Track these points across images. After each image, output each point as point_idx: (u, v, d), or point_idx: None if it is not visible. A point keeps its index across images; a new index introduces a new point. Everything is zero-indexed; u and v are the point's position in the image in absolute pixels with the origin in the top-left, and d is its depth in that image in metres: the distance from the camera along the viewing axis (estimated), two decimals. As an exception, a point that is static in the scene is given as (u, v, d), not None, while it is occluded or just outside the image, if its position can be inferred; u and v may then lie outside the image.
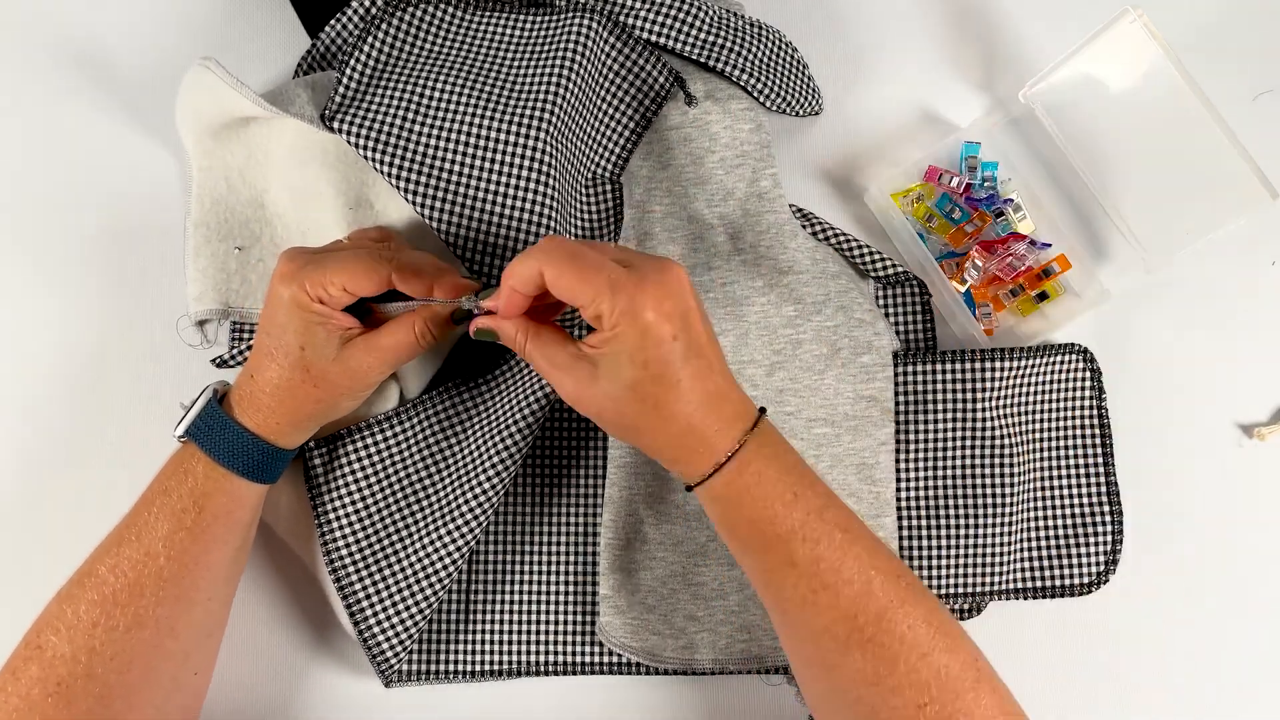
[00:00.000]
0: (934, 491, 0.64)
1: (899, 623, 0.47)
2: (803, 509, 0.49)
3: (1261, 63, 0.71)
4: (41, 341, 0.66)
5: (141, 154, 0.68)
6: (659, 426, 0.49)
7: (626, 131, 0.66)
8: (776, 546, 0.49)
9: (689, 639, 0.62)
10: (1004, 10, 0.72)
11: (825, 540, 0.48)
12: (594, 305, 0.47)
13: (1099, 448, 0.66)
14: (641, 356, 0.47)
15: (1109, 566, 0.65)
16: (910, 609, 0.48)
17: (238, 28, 0.70)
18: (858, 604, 0.48)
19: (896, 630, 0.47)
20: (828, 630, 0.48)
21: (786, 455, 0.51)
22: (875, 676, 0.47)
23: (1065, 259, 0.66)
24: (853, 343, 0.64)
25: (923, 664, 0.47)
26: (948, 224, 0.67)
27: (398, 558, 0.61)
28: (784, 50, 0.68)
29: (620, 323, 0.47)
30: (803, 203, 0.69)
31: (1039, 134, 0.69)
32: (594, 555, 0.64)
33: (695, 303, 0.49)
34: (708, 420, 0.49)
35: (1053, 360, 0.65)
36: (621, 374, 0.47)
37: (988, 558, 0.63)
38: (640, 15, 0.64)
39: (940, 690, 0.47)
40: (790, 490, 0.49)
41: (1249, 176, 0.63)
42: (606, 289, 0.46)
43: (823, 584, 0.48)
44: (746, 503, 0.49)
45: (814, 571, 0.48)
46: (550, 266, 0.47)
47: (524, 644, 0.64)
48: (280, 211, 0.65)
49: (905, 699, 0.47)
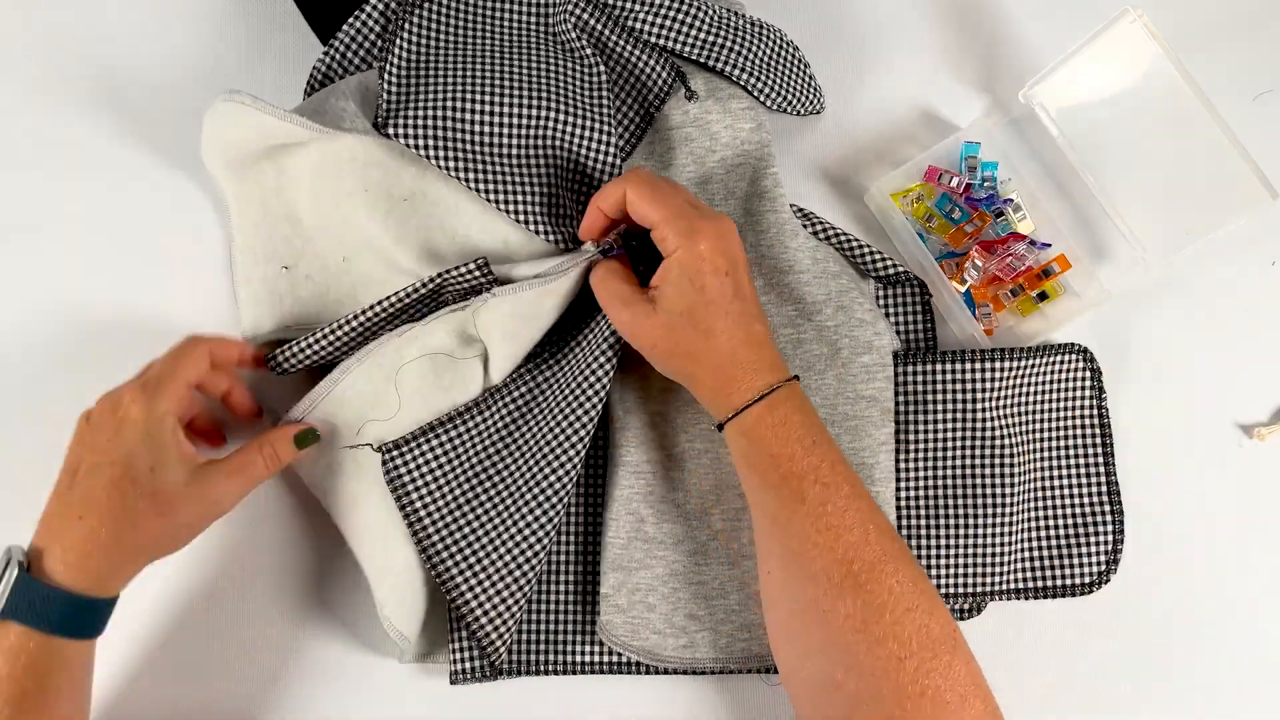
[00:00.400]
0: (934, 491, 0.64)
1: (889, 575, 0.51)
2: (819, 455, 0.54)
3: (1261, 63, 0.71)
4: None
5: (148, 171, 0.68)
6: (707, 353, 0.55)
7: (631, 126, 0.66)
8: (790, 482, 0.53)
9: (690, 638, 0.62)
10: (1004, 10, 0.72)
11: (834, 487, 0.53)
12: (662, 226, 0.55)
13: (1099, 447, 0.66)
14: (700, 281, 0.54)
15: (1109, 566, 0.65)
16: (901, 566, 0.52)
17: (235, 30, 0.70)
18: (855, 550, 0.51)
19: (886, 582, 0.51)
20: (825, 572, 0.52)
21: (811, 412, 0.56)
22: (863, 623, 0.50)
23: (1065, 259, 0.66)
24: (853, 343, 0.64)
25: (907, 618, 0.50)
26: (948, 224, 0.67)
27: (494, 545, 0.61)
28: (785, 49, 0.68)
29: (681, 246, 0.54)
30: (803, 203, 0.69)
31: (1039, 134, 0.69)
32: (595, 554, 0.64)
33: (743, 256, 0.57)
34: (748, 357, 0.55)
35: (1053, 360, 0.65)
36: (682, 298, 0.55)
37: (988, 558, 0.63)
38: (640, 16, 0.64)
39: (920, 647, 0.49)
40: (811, 437, 0.54)
41: (1249, 176, 0.63)
42: (674, 215, 0.55)
43: (826, 525, 0.52)
44: (770, 439, 0.54)
45: (820, 513, 0.52)
46: (633, 189, 0.56)
47: (524, 643, 0.64)
48: (318, 223, 0.63)
49: (888, 650, 0.49)
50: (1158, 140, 0.66)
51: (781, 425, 0.54)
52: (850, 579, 0.51)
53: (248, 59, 0.69)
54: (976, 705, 0.49)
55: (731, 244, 0.56)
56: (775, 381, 0.55)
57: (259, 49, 0.70)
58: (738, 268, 0.56)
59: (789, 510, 0.53)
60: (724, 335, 0.55)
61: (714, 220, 0.56)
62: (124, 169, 0.68)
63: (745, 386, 0.55)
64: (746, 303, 0.56)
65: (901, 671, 0.49)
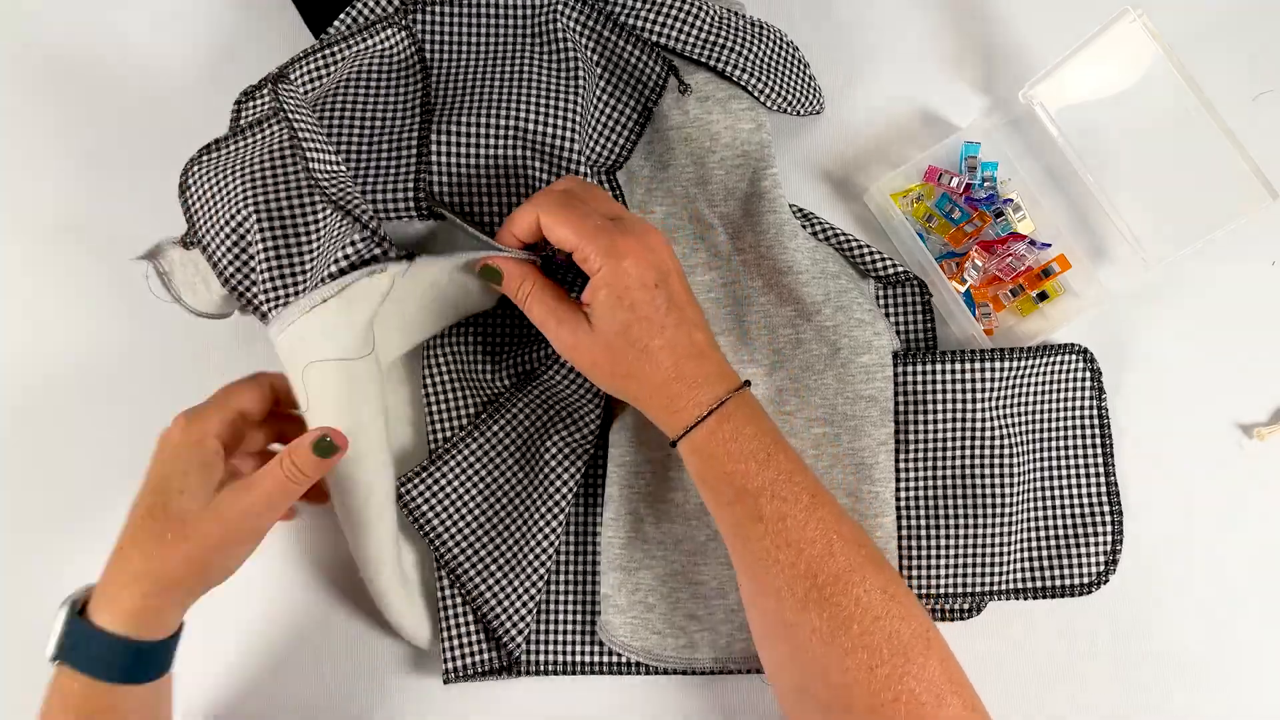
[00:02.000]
0: (933, 491, 0.64)
1: (855, 585, 0.50)
2: (774, 469, 0.52)
3: (1261, 63, 0.71)
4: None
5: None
6: (648, 372, 0.53)
7: (629, 123, 0.66)
8: (745, 500, 0.52)
9: (689, 638, 0.62)
10: (1004, 10, 0.72)
11: (792, 500, 0.52)
12: (581, 247, 0.52)
13: (1099, 448, 0.66)
14: (629, 299, 0.52)
15: (1109, 567, 0.65)
16: (867, 575, 0.51)
17: (232, 26, 0.70)
18: (818, 564, 0.51)
19: (852, 593, 0.50)
20: (789, 586, 0.51)
21: (764, 420, 0.54)
22: (830, 636, 0.50)
23: (1065, 259, 0.66)
24: (852, 343, 0.64)
25: (875, 627, 0.49)
26: (948, 224, 0.67)
27: (511, 552, 0.62)
28: (785, 49, 0.68)
29: (605, 265, 0.52)
30: (803, 203, 0.69)
31: (1039, 134, 0.69)
32: (594, 554, 0.64)
33: (674, 265, 0.54)
34: (692, 370, 0.53)
35: (1053, 360, 0.65)
36: (615, 317, 0.52)
37: (987, 558, 0.63)
38: (641, 15, 0.64)
39: (892, 654, 0.49)
40: (764, 450, 0.53)
41: (1249, 176, 0.63)
42: (592, 233, 0.52)
43: (786, 541, 0.51)
44: (722, 456, 0.53)
45: (779, 529, 0.51)
46: (545, 213, 0.53)
47: (524, 643, 0.64)
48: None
49: (858, 660, 0.49)
50: (1158, 140, 0.66)
51: (733, 440, 0.53)
52: (815, 592, 0.50)
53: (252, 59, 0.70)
54: (954, 703, 0.49)
55: (659, 255, 0.53)
56: (724, 393, 0.53)
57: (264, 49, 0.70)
58: (669, 278, 0.53)
59: (748, 528, 0.52)
60: (663, 351, 0.53)
61: (637, 234, 0.53)
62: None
63: (692, 402, 0.53)
64: (683, 312, 0.54)
65: (873, 679, 0.49)
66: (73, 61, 0.69)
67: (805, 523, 0.51)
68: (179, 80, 0.69)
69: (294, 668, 0.64)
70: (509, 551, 0.62)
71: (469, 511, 0.62)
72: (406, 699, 0.64)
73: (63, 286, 0.67)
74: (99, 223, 0.68)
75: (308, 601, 0.65)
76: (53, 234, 0.68)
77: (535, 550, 0.62)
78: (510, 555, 0.62)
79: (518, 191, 0.61)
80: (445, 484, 0.62)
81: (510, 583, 0.62)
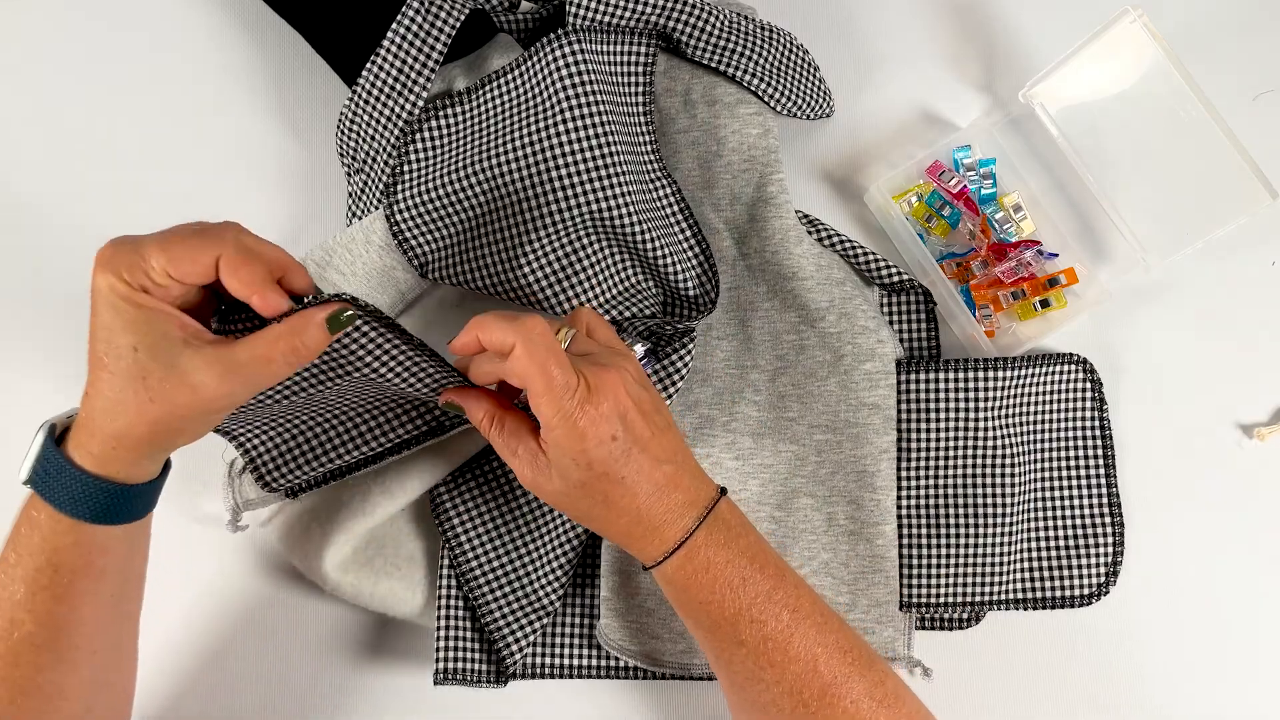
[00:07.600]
0: (934, 500, 0.64)
1: (843, 698, 0.50)
2: (750, 593, 0.51)
3: (1261, 63, 0.71)
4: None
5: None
6: (611, 518, 0.51)
7: (646, 115, 0.66)
8: (724, 627, 0.51)
9: (688, 643, 0.62)
10: (1004, 10, 0.71)
11: (772, 621, 0.51)
12: (537, 399, 0.48)
13: (1100, 458, 0.66)
14: (584, 459, 0.49)
15: (1109, 578, 0.64)
16: (854, 685, 0.51)
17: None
18: (802, 680, 0.50)
19: (840, 704, 0.50)
20: (775, 703, 0.51)
21: (738, 539, 0.52)
22: None
23: (1074, 273, 0.65)
24: (855, 350, 0.64)
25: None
26: (947, 225, 0.67)
27: (525, 567, 0.62)
28: (795, 53, 0.67)
29: (558, 427, 0.48)
30: (802, 203, 0.68)
31: (1039, 134, 0.69)
32: (593, 557, 0.64)
33: (632, 400, 0.50)
34: (656, 511, 0.51)
35: (1054, 370, 0.65)
36: (570, 474, 0.49)
37: (988, 567, 0.63)
38: (651, 21, 0.64)
39: None
40: (739, 575, 0.51)
41: (1249, 176, 0.63)
42: (559, 393, 0.47)
43: (769, 661, 0.51)
44: (694, 587, 0.51)
45: (761, 650, 0.51)
46: (524, 348, 0.47)
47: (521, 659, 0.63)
48: None
49: None
50: (1158, 140, 0.66)
51: (704, 571, 0.51)
52: (801, 708, 0.50)
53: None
54: None
55: (614, 400, 0.49)
56: (692, 521, 0.51)
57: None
58: (627, 421, 0.49)
59: (729, 651, 0.52)
60: (624, 500, 0.50)
61: (594, 383, 0.48)
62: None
63: (658, 540, 0.51)
64: (644, 454, 0.50)
65: None
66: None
67: (788, 640, 0.51)
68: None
69: (282, 660, 0.64)
70: (525, 569, 0.62)
71: (493, 518, 0.63)
72: (403, 698, 0.64)
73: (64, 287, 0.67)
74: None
75: (289, 594, 0.64)
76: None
77: (550, 571, 0.62)
78: (525, 573, 0.62)
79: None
80: (472, 497, 0.63)
81: (521, 600, 0.62)
